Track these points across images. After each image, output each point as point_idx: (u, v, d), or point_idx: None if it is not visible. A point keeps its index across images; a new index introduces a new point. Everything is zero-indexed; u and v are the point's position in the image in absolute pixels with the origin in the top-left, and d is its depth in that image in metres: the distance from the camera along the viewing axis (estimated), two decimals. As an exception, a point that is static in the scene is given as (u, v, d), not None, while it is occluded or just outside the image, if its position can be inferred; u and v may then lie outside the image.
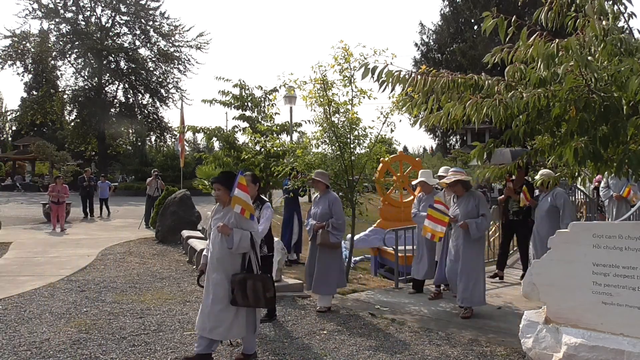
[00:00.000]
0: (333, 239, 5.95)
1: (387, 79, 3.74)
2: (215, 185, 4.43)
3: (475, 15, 34.87)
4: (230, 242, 4.15)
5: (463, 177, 5.89)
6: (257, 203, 5.26)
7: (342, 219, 6.08)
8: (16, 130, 54.83)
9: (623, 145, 3.59)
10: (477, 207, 5.79)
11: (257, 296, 4.15)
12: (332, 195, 6.19)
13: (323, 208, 6.07)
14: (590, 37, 3.37)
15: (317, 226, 6.02)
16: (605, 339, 3.76)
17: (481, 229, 5.74)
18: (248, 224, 4.26)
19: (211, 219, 4.45)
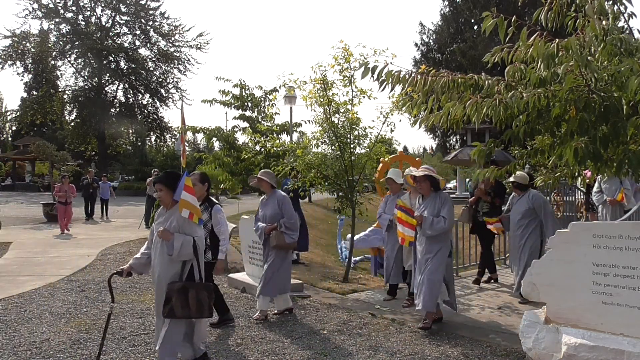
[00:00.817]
0: (288, 239, 5.70)
1: (387, 79, 3.74)
2: (157, 186, 4.04)
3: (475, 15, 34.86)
4: (171, 248, 3.79)
5: (433, 174, 5.53)
6: (205, 205, 5.06)
7: (294, 218, 5.77)
8: (16, 130, 54.86)
9: (623, 145, 3.59)
10: (441, 208, 5.37)
11: (200, 306, 3.83)
12: (279, 194, 5.89)
13: (273, 209, 5.77)
14: (590, 37, 3.37)
15: (268, 228, 5.72)
16: (605, 339, 3.76)
17: (436, 228, 5.25)
18: (192, 228, 3.91)
19: (154, 223, 4.12)
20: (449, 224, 5.30)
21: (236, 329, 5.26)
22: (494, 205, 7.41)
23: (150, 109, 42.18)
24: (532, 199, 6.39)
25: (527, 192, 6.48)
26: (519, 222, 6.44)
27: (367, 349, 4.69)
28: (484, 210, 7.49)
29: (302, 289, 6.84)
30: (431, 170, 5.56)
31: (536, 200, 6.38)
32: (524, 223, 6.38)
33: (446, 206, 5.37)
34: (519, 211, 6.48)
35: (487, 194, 7.40)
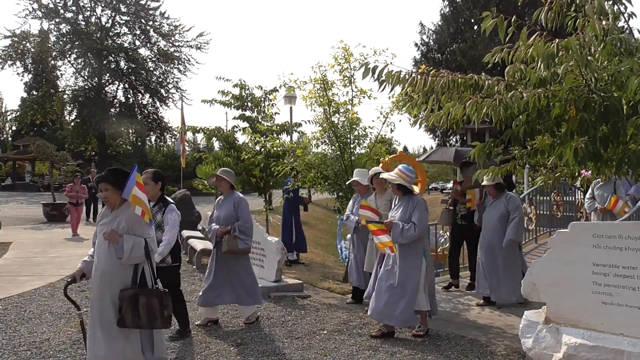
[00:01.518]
0: (242, 244, 5.32)
1: (387, 79, 3.74)
2: (102, 185, 3.68)
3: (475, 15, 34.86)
4: (120, 251, 3.47)
5: (403, 182, 5.08)
6: (159, 205, 4.74)
7: (250, 222, 5.43)
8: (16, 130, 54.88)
9: (623, 145, 3.59)
10: (412, 213, 5.01)
11: (152, 315, 3.48)
12: (237, 195, 5.50)
13: (228, 210, 5.40)
14: (590, 37, 3.37)
15: (221, 231, 5.34)
16: (605, 339, 3.76)
17: (406, 236, 4.90)
18: (143, 229, 3.60)
19: (97, 225, 3.75)
20: (419, 231, 4.92)
21: (236, 329, 5.26)
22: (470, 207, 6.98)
23: (150, 109, 42.16)
24: (509, 202, 6.06)
25: (504, 194, 6.16)
26: (494, 226, 6.10)
27: (367, 349, 4.69)
28: (462, 213, 7.11)
29: (302, 289, 6.84)
30: (405, 173, 5.14)
31: (512, 203, 6.06)
32: (500, 228, 6.04)
33: (417, 211, 4.99)
34: (493, 215, 6.14)
35: (464, 196, 7.03)
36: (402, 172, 5.14)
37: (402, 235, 4.92)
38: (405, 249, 5.02)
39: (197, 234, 10.61)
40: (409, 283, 4.94)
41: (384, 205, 5.90)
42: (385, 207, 5.82)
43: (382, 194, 6.12)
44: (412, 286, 4.93)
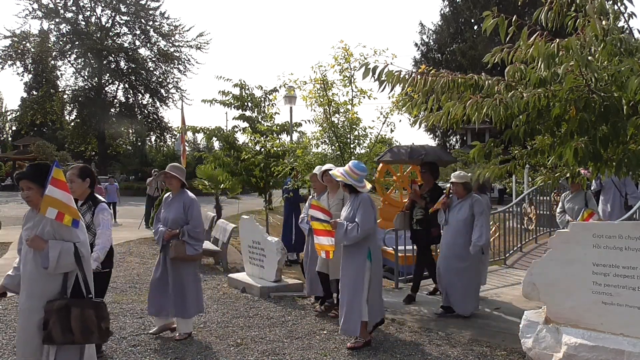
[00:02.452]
0: (190, 250, 4.81)
1: (387, 79, 3.75)
2: (22, 183, 3.21)
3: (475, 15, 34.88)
4: (46, 259, 3.04)
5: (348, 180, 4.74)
6: (88, 204, 4.20)
7: (201, 227, 4.95)
8: (16, 130, 54.88)
9: (623, 145, 3.60)
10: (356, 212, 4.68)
11: (87, 329, 3.07)
12: (188, 196, 4.98)
13: (177, 212, 4.88)
14: (591, 37, 3.37)
15: (168, 235, 4.82)
16: (605, 339, 3.76)
17: (349, 237, 4.57)
18: (70, 233, 3.14)
19: (22, 229, 3.33)
20: (362, 232, 4.55)
21: (236, 329, 5.26)
22: (428, 211, 6.34)
23: (150, 109, 42.21)
24: (475, 204, 5.62)
25: (470, 195, 5.72)
26: (457, 230, 5.66)
27: (367, 349, 4.68)
28: (418, 217, 6.53)
29: (302, 289, 6.84)
30: (353, 171, 4.76)
31: (478, 205, 5.62)
32: (464, 232, 5.60)
33: (361, 210, 4.62)
34: (457, 218, 5.67)
35: (423, 198, 6.46)
36: (351, 169, 4.79)
37: (345, 236, 4.60)
38: (349, 251, 4.72)
39: (197, 234, 10.59)
40: (350, 289, 4.64)
41: (336, 205, 5.59)
42: (337, 206, 5.53)
43: (334, 192, 5.72)
44: (353, 292, 4.62)
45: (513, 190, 17.50)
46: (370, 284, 4.64)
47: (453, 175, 5.73)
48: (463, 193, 5.71)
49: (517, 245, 9.73)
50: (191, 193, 5.11)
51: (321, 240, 4.82)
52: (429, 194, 6.43)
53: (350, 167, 4.79)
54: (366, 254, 4.66)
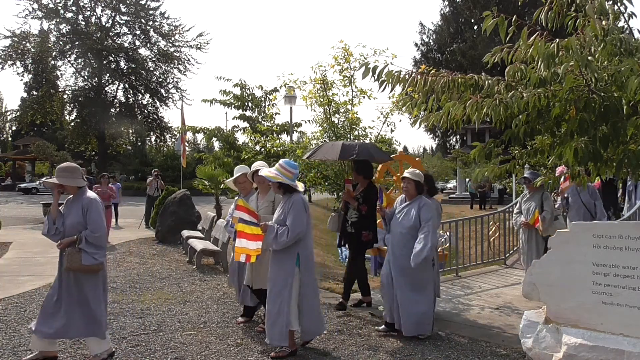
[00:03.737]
0: (88, 260, 4.08)
1: (387, 79, 3.75)
2: None
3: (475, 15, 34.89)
4: None
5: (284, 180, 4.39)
6: None
7: (102, 231, 4.20)
8: (16, 130, 54.97)
9: (623, 145, 3.60)
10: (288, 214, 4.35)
11: None
12: (86, 197, 4.20)
13: (75, 216, 4.16)
14: (591, 37, 3.38)
15: (64, 242, 4.13)
16: (605, 339, 3.76)
17: (279, 241, 4.24)
18: None
19: None
20: (292, 236, 4.24)
21: (236, 329, 5.26)
22: (361, 213, 5.91)
23: (150, 109, 42.22)
24: (422, 209, 4.94)
25: (419, 198, 5.06)
26: (402, 238, 4.99)
27: (367, 349, 4.69)
28: (352, 220, 6.01)
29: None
30: (286, 169, 4.45)
31: (426, 210, 4.92)
32: (411, 240, 4.88)
33: (293, 213, 4.31)
34: (403, 225, 5.00)
35: (356, 199, 5.97)
36: (284, 167, 4.46)
37: (275, 241, 4.27)
38: (277, 257, 4.40)
39: (197, 234, 10.62)
40: (277, 296, 4.33)
41: (265, 208, 5.14)
42: (267, 209, 5.11)
43: (264, 193, 5.25)
44: (280, 299, 4.30)
45: (513, 190, 17.50)
46: (301, 291, 4.38)
47: (407, 171, 5.21)
48: (414, 193, 5.06)
49: (517, 245, 9.73)
50: (92, 193, 4.37)
51: (242, 243, 4.39)
52: (363, 194, 5.98)
53: (282, 166, 4.47)
54: (295, 260, 4.36)
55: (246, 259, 4.43)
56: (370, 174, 6.23)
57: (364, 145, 6.38)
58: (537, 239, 6.82)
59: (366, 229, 5.97)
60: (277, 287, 4.37)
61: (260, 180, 5.04)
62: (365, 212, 5.94)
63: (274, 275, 4.43)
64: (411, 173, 5.12)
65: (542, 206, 6.74)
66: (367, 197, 5.92)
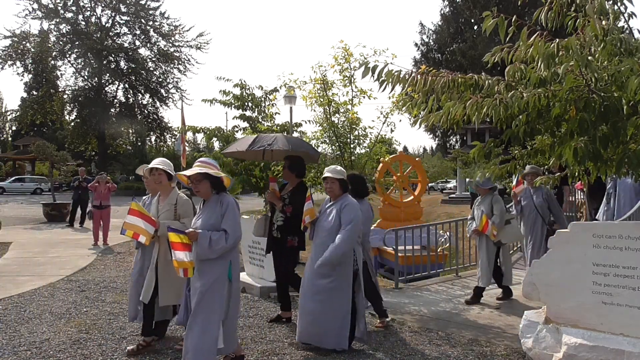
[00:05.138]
0: None
1: (387, 79, 3.74)
2: None
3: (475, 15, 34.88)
4: None
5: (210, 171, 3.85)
6: None
7: None
8: (16, 130, 54.98)
9: (623, 145, 3.60)
10: (221, 216, 3.83)
11: None
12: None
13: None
14: (591, 37, 3.37)
15: None
16: (605, 339, 3.76)
17: (216, 249, 3.71)
18: None
19: None
20: (232, 241, 3.76)
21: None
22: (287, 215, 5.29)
23: (150, 109, 42.26)
24: (344, 209, 4.44)
25: (342, 197, 4.56)
26: (324, 243, 4.45)
27: (367, 349, 4.69)
28: (278, 223, 5.35)
29: (302, 289, 6.83)
30: (210, 165, 3.93)
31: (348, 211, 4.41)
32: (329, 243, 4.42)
33: (230, 215, 3.81)
34: (324, 227, 4.50)
35: (282, 199, 5.37)
36: (207, 163, 3.94)
37: (211, 249, 3.71)
38: (204, 266, 3.81)
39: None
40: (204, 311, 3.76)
41: (166, 212, 4.49)
42: (168, 213, 4.48)
43: (166, 195, 4.59)
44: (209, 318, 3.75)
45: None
46: (229, 306, 3.88)
47: (327, 169, 4.66)
48: (338, 192, 4.59)
49: (517, 245, 9.73)
50: None
51: (178, 256, 3.75)
52: (290, 193, 5.37)
53: (205, 162, 3.94)
54: (227, 269, 3.85)
55: (184, 274, 3.77)
56: (303, 173, 5.64)
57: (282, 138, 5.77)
58: (487, 246, 6.36)
59: (292, 234, 5.26)
60: (207, 302, 3.76)
61: (158, 179, 4.50)
62: (291, 214, 5.23)
63: (200, 287, 3.79)
64: (332, 171, 4.61)
65: (492, 209, 6.37)
66: (295, 197, 5.28)
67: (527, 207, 6.84)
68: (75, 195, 14.90)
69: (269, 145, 5.56)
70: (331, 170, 4.62)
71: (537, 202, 6.73)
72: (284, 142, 5.75)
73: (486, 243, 6.37)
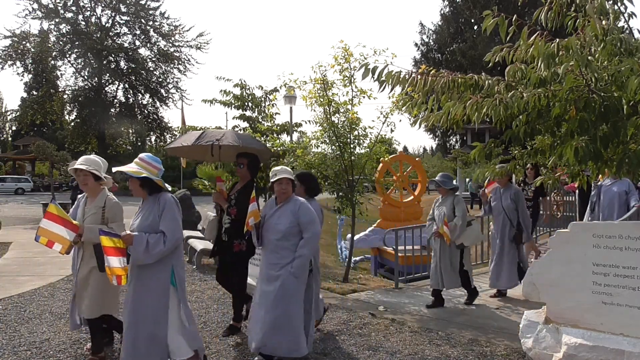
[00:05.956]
0: None
1: (387, 79, 3.74)
2: None
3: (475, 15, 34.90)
4: None
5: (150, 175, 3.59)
6: None
7: None
8: (16, 130, 55.01)
9: (623, 145, 3.60)
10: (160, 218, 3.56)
11: None
12: None
13: None
14: (591, 37, 3.38)
15: None
16: (605, 339, 3.76)
17: (153, 253, 3.43)
18: None
19: None
20: (171, 244, 3.47)
21: (236, 329, 5.25)
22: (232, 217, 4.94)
23: (150, 109, 42.25)
24: (300, 211, 4.10)
25: (292, 198, 4.21)
26: (276, 244, 4.13)
27: (367, 349, 4.69)
28: (226, 226, 5.01)
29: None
30: (150, 163, 3.65)
31: (305, 214, 4.09)
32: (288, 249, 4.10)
33: (167, 215, 3.52)
34: (278, 229, 4.12)
35: (228, 200, 5.03)
36: (145, 161, 3.66)
37: (148, 253, 3.43)
38: (143, 271, 3.55)
39: (197, 234, 10.62)
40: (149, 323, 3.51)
41: (93, 215, 4.08)
42: (95, 217, 4.07)
43: (94, 197, 4.16)
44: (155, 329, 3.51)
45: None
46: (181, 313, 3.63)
47: (280, 171, 4.25)
48: (289, 194, 4.24)
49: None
50: None
51: (111, 262, 3.48)
52: (237, 194, 4.99)
53: (144, 160, 3.67)
54: (169, 275, 3.57)
55: (118, 281, 3.50)
56: (257, 172, 5.31)
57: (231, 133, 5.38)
58: (450, 249, 6.09)
59: (239, 237, 4.89)
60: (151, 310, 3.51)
61: (84, 181, 4.12)
62: (236, 216, 4.87)
63: (138, 297, 3.54)
64: (287, 172, 4.24)
65: (454, 210, 6.08)
66: (242, 198, 4.87)
67: (496, 208, 6.70)
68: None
69: (217, 140, 5.04)
70: (285, 171, 4.25)
71: (504, 204, 6.56)
72: (234, 137, 5.22)
73: (449, 247, 6.09)
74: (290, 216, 4.09)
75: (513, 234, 6.55)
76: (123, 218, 4.20)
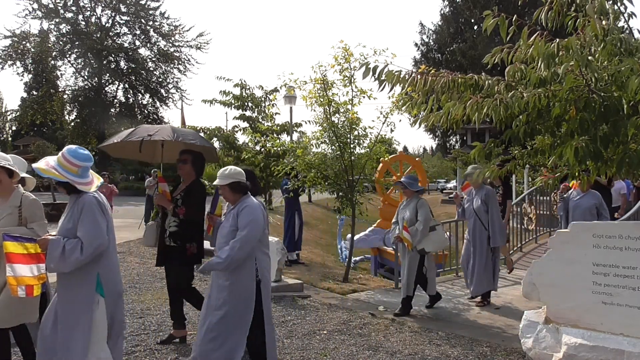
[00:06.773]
0: None
1: (387, 79, 3.74)
2: None
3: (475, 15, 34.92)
4: None
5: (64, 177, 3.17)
6: None
7: None
8: (16, 130, 55.00)
9: (623, 145, 3.60)
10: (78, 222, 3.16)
11: None
12: None
13: None
14: (591, 37, 3.38)
15: None
16: (605, 339, 3.76)
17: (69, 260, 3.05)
18: None
19: None
20: (88, 251, 3.06)
21: (236, 329, 5.25)
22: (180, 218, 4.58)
23: (150, 109, 42.26)
24: (241, 213, 3.80)
25: (242, 200, 3.92)
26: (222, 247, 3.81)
27: (367, 349, 4.69)
28: (171, 229, 4.61)
29: (302, 288, 6.85)
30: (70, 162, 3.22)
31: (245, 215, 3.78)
32: None
33: (85, 219, 3.13)
34: (223, 232, 3.91)
35: (174, 201, 4.67)
36: (66, 159, 3.23)
37: (63, 259, 3.05)
38: (65, 281, 3.19)
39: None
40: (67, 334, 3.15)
41: (8, 216, 3.64)
42: (10, 218, 3.64)
43: (6, 197, 3.69)
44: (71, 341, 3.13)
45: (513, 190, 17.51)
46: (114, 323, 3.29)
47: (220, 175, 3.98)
48: (232, 198, 3.95)
49: (517, 245, 9.74)
50: None
51: (18, 270, 3.08)
52: (184, 194, 4.67)
53: (65, 157, 3.23)
54: (94, 284, 3.16)
55: (27, 292, 3.07)
56: (202, 171, 5.01)
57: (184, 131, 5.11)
58: (410, 255, 5.88)
59: (190, 240, 4.57)
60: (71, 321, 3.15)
61: None
62: (184, 216, 4.55)
63: (61, 309, 3.18)
64: (220, 176, 3.93)
65: (417, 213, 5.87)
66: (189, 197, 4.62)
67: (468, 211, 6.47)
68: None
69: (149, 135, 4.63)
70: (219, 176, 3.94)
71: (475, 206, 6.29)
72: (169, 132, 4.77)
73: (411, 250, 5.86)
74: (232, 219, 3.84)
75: (487, 237, 6.25)
76: (44, 217, 3.80)
